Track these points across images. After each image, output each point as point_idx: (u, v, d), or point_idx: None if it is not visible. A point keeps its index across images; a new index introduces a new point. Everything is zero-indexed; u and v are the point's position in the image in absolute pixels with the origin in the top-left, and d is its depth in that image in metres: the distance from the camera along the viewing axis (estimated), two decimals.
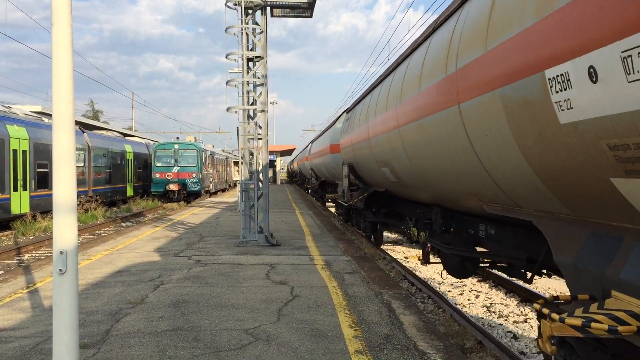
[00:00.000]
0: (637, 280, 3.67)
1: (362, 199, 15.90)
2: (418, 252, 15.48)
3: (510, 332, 8.59)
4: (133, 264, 10.68)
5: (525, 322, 9.14)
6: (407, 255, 16.03)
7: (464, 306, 10.19)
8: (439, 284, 12.16)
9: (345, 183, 17.79)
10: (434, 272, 13.27)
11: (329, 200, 33.07)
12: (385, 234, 18.14)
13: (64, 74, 4.09)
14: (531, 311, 9.64)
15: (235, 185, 59.77)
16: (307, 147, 46.65)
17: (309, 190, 43.18)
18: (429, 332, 6.35)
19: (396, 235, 19.90)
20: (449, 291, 11.42)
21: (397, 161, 10.48)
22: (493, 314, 9.68)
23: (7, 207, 19.45)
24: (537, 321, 4.24)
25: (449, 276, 11.90)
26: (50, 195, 21.64)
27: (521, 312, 9.66)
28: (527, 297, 10.23)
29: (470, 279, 12.03)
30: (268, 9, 13.83)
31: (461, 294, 11.12)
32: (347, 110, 20.67)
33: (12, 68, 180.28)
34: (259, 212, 13.57)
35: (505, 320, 9.30)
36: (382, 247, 16.50)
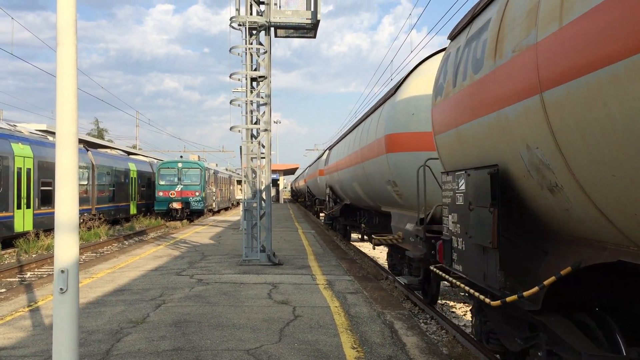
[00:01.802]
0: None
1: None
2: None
3: None
4: (135, 283, 10.65)
5: None
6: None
7: (466, 326, 10.09)
8: (442, 304, 12.08)
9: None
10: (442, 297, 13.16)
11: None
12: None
13: (68, 93, 4.13)
14: None
15: (238, 203, 59.76)
16: (305, 170, 50.20)
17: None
18: (432, 353, 6.29)
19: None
20: (452, 311, 11.33)
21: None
22: None
23: (11, 224, 19.47)
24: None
25: (453, 297, 11.93)
26: (53, 213, 21.62)
27: None
28: None
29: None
30: (272, 29, 13.96)
31: (464, 314, 11.03)
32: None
33: (18, 86, 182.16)
34: (261, 230, 13.55)
35: None
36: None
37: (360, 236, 21.63)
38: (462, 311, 11.30)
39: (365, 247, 22.18)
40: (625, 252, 3.55)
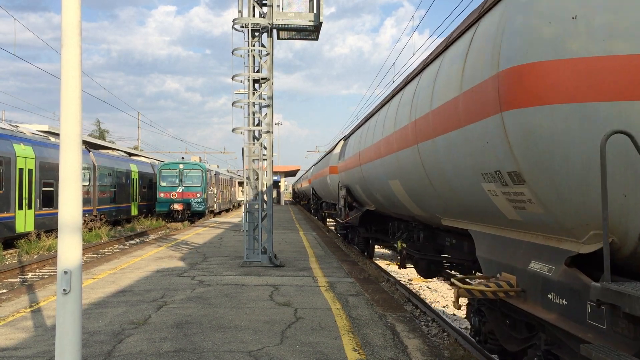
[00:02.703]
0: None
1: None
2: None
3: None
4: (136, 284, 10.65)
5: None
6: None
7: (468, 329, 10.08)
8: (444, 307, 12.07)
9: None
10: (438, 295, 13.17)
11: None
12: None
13: (72, 95, 4.14)
14: None
15: (239, 205, 59.74)
16: (309, 169, 47.22)
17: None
18: (434, 356, 6.29)
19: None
20: (454, 314, 11.32)
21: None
22: None
23: (12, 225, 19.48)
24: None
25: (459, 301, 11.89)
26: (55, 214, 21.65)
27: None
28: None
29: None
30: (274, 31, 13.98)
31: (465, 317, 11.02)
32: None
33: (20, 87, 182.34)
34: (263, 232, 13.56)
35: None
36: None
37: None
38: (463, 314, 11.30)
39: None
40: None
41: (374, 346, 6.56)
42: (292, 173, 78.52)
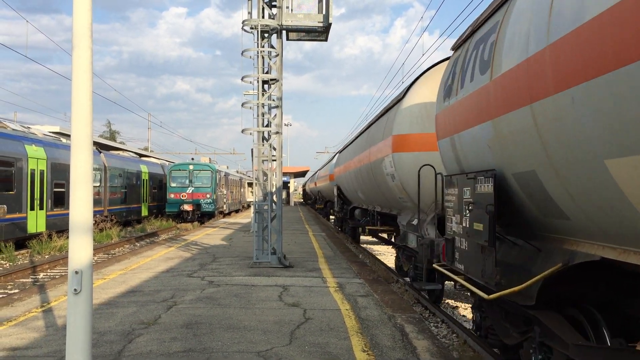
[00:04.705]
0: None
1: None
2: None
3: None
4: (146, 284, 10.71)
5: None
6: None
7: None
8: (453, 308, 12.03)
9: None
10: (446, 296, 13.13)
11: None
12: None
13: (83, 96, 4.17)
14: None
15: (248, 206, 59.81)
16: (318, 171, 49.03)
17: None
18: (443, 357, 6.27)
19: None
20: (464, 315, 11.29)
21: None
22: None
23: (24, 226, 19.65)
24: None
25: (467, 298, 11.92)
26: (66, 214, 21.77)
27: None
28: None
29: None
30: (284, 32, 14.00)
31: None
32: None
33: (32, 89, 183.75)
34: (272, 233, 13.58)
35: None
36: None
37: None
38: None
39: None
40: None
41: (383, 347, 6.56)
42: (301, 174, 78.56)
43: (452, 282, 9.06)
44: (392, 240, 22.79)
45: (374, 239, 27.06)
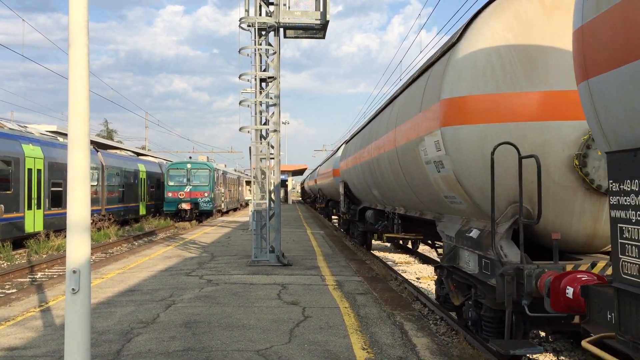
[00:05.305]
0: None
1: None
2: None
3: None
4: (145, 283, 10.69)
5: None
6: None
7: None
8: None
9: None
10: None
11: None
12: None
13: (80, 95, 4.14)
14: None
15: (247, 204, 59.83)
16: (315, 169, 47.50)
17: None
18: (443, 354, 6.27)
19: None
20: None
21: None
22: None
23: (21, 225, 19.60)
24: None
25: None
26: (64, 214, 21.71)
27: None
28: None
29: None
30: (281, 30, 13.97)
31: None
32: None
33: (29, 88, 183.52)
34: (270, 231, 13.56)
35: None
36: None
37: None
38: None
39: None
40: None
41: (382, 345, 6.55)
42: (299, 172, 78.52)
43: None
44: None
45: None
